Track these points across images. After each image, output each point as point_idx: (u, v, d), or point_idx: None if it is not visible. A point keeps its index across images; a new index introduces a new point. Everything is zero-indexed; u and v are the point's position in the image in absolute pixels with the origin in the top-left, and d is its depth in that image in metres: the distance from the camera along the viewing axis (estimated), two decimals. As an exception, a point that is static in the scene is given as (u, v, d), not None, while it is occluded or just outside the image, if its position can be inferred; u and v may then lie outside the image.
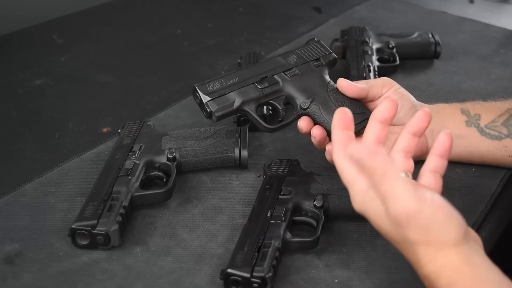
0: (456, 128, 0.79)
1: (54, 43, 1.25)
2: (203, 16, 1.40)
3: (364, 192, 0.57)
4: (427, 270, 0.55)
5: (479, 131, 0.79)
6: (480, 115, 0.80)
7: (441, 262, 0.54)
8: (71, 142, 0.91)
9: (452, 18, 1.39)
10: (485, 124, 0.79)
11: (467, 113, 0.80)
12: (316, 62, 0.81)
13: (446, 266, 0.54)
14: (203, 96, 0.75)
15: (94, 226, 0.67)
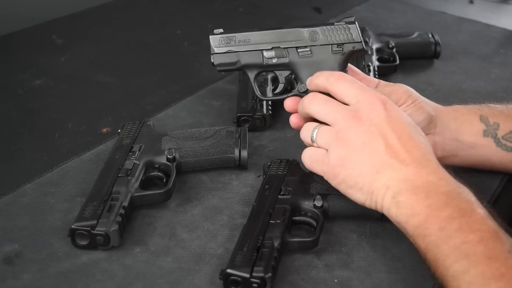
0: (472, 137, 0.77)
1: (54, 44, 1.25)
2: (203, 16, 1.40)
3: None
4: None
5: (496, 142, 0.77)
6: (499, 124, 0.77)
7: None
8: (71, 142, 0.91)
9: (452, 18, 1.39)
10: (502, 134, 0.77)
11: (486, 121, 0.78)
12: (336, 48, 0.77)
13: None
14: (212, 47, 0.78)
15: (94, 226, 0.67)
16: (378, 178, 0.64)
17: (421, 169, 0.63)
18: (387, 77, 1.07)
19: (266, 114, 0.90)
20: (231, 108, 0.98)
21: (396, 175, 0.63)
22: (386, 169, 0.63)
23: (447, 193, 0.61)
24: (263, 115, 0.90)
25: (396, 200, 0.62)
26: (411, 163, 0.63)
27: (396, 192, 0.62)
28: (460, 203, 0.60)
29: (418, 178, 0.62)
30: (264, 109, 0.91)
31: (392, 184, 0.63)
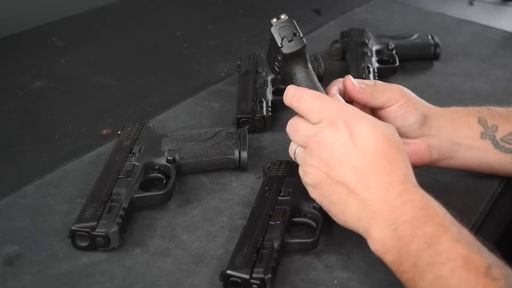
0: (469, 140, 0.76)
1: (54, 45, 1.25)
2: (203, 18, 1.41)
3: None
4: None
5: (493, 144, 0.76)
6: (497, 126, 0.76)
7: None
8: (71, 144, 0.91)
9: (452, 20, 1.39)
10: (501, 136, 0.76)
11: (484, 124, 0.77)
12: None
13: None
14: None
15: (94, 227, 0.67)
16: (347, 208, 0.63)
17: (386, 194, 0.60)
18: (387, 79, 1.07)
19: (266, 116, 0.90)
20: (231, 110, 0.98)
21: (363, 206, 0.61)
22: (352, 197, 0.62)
23: (411, 221, 0.58)
24: (263, 117, 0.90)
25: (368, 235, 0.61)
26: (376, 189, 0.61)
27: (366, 225, 0.61)
28: (426, 229, 0.57)
29: (384, 207, 0.60)
30: (264, 111, 0.91)
31: (361, 216, 0.62)
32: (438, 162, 0.78)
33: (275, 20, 0.71)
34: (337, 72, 0.79)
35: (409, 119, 0.75)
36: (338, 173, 0.63)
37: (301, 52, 0.71)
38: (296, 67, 0.71)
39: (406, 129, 0.75)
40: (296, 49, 0.70)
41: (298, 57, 0.71)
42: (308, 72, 0.72)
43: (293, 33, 0.70)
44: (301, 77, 0.71)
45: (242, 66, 1.04)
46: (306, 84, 0.71)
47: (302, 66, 0.72)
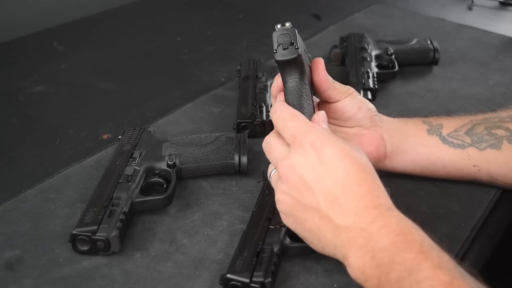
0: (418, 136, 0.78)
1: (54, 51, 1.25)
2: (203, 23, 1.41)
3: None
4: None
5: (441, 139, 0.78)
6: (442, 125, 0.79)
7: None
8: (72, 149, 0.91)
9: (451, 25, 1.40)
10: (447, 133, 0.78)
11: (429, 123, 0.80)
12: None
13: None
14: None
15: (95, 232, 0.67)
16: (322, 235, 0.61)
17: (360, 220, 0.58)
18: (386, 84, 1.08)
19: (266, 120, 0.91)
20: (231, 115, 0.98)
21: (337, 232, 0.59)
22: (326, 224, 0.60)
23: (389, 248, 0.56)
24: (262, 121, 0.91)
25: (347, 263, 0.59)
26: (350, 215, 0.59)
27: (344, 253, 0.59)
28: (406, 256, 0.55)
29: (359, 233, 0.58)
30: (264, 116, 0.91)
31: (337, 243, 0.60)
32: (393, 157, 0.78)
33: (279, 26, 0.72)
34: (337, 77, 0.79)
35: (365, 105, 0.77)
36: (309, 199, 0.61)
37: (294, 62, 0.70)
38: (289, 76, 0.71)
39: (363, 114, 0.76)
40: (287, 58, 0.69)
41: (291, 67, 0.70)
42: (298, 85, 0.71)
43: (290, 42, 0.70)
44: (290, 87, 0.71)
45: (242, 71, 1.05)
46: (291, 96, 0.71)
47: (295, 77, 0.71)
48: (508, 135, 0.77)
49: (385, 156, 0.78)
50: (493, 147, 0.77)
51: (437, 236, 0.58)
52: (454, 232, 0.73)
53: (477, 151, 0.77)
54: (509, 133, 0.77)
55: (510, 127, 0.78)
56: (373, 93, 0.99)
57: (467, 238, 0.73)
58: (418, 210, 0.76)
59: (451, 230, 0.72)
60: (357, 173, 0.60)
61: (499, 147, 0.76)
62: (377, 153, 0.77)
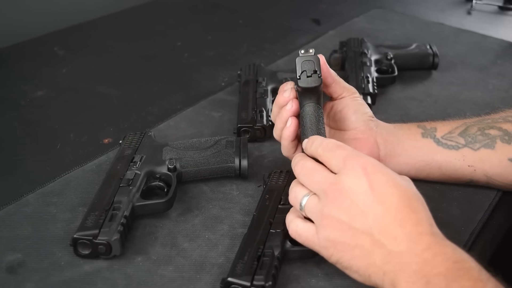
0: (412, 139, 0.80)
1: (55, 55, 1.26)
2: (203, 28, 1.42)
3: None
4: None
5: (436, 142, 0.79)
6: (436, 128, 0.80)
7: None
8: (73, 153, 0.91)
9: (450, 30, 1.40)
10: (441, 135, 0.79)
11: (423, 127, 0.81)
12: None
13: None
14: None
15: (96, 235, 0.68)
16: (372, 261, 0.59)
17: (415, 246, 0.57)
18: (385, 88, 1.08)
19: (266, 125, 0.91)
20: (231, 119, 0.99)
21: (389, 258, 0.57)
22: (377, 250, 0.58)
23: (445, 274, 0.55)
24: (263, 126, 0.91)
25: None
26: (403, 241, 0.57)
27: (394, 279, 0.57)
28: (463, 283, 0.54)
29: (413, 259, 0.56)
30: (264, 120, 0.92)
31: (387, 269, 0.57)
32: (387, 159, 0.79)
33: (303, 52, 0.73)
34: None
35: (362, 109, 0.78)
36: (362, 223, 0.59)
37: (315, 90, 0.73)
38: (307, 100, 0.74)
39: (359, 117, 0.78)
40: (311, 86, 0.72)
41: (312, 92, 0.73)
42: (316, 109, 0.73)
43: (313, 70, 0.72)
44: (307, 111, 0.73)
45: (242, 75, 1.05)
46: (309, 120, 0.73)
47: (313, 101, 0.74)
48: (501, 134, 0.78)
49: (379, 160, 0.79)
50: (487, 147, 0.77)
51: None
52: (454, 236, 0.73)
53: (471, 151, 0.78)
54: (502, 132, 0.78)
55: (503, 127, 0.78)
56: (373, 97, 1.00)
57: (467, 242, 0.74)
58: (417, 214, 0.76)
59: (451, 234, 0.72)
60: (410, 201, 0.59)
61: (493, 146, 0.77)
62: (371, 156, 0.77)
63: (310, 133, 0.72)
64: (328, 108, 0.80)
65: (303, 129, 0.73)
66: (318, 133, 0.72)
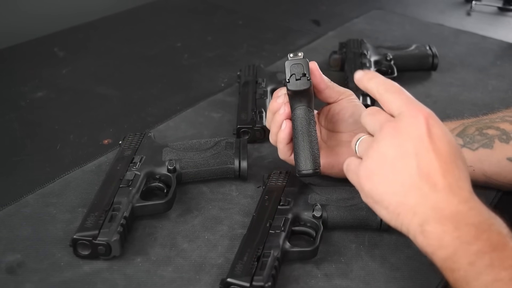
0: None
1: (55, 56, 1.26)
2: (203, 29, 1.42)
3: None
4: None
5: None
6: None
7: None
8: (73, 154, 0.92)
9: (449, 31, 1.41)
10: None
11: None
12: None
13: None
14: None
15: (96, 236, 0.68)
16: (406, 201, 0.60)
17: (452, 197, 0.59)
18: (385, 89, 1.08)
19: (266, 126, 0.91)
20: (231, 120, 0.99)
21: (424, 201, 0.59)
22: (414, 191, 0.60)
23: (477, 225, 0.57)
24: (262, 127, 0.91)
25: (422, 229, 0.59)
26: (442, 189, 0.59)
27: (423, 220, 0.59)
28: (491, 236, 0.56)
29: (447, 207, 0.58)
30: (264, 121, 0.92)
31: (419, 210, 0.59)
32: None
33: (292, 55, 0.74)
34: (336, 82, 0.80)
35: (359, 111, 0.78)
36: (407, 163, 0.60)
37: (305, 92, 0.74)
38: (298, 103, 0.75)
39: (357, 119, 0.77)
40: (300, 88, 0.73)
41: (302, 95, 0.74)
42: (306, 112, 0.75)
43: (302, 73, 0.73)
44: (298, 114, 0.74)
45: (242, 76, 1.05)
46: (300, 123, 0.74)
47: (304, 104, 0.75)
48: (499, 134, 0.78)
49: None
50: (485, 147, 0.77)
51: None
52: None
53: (469, 151, 0.78)
54: (500, 132, 0.78)
55: (500, 127, 0.79)
56: (372, 98, 1.00)
57: (466, 242, 0.74)
58: (417, 215, 0.76)
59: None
60: (457, 159, 0.61)
61: (491, 146, 0.77)
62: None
63: (301, 136, 0.74)
64: (325, 110, 0.80)
65: (294, 132, 0.75)
66: (308, 136, 0.74)
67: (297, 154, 0.74)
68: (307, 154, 0.73)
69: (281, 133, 0.76)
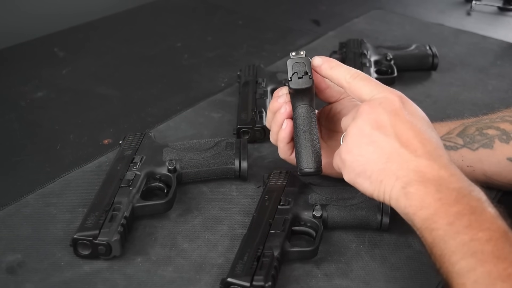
0: None
1: (55, 56, 1.26)
2: (203, 29, 1.42)
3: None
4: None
5: None
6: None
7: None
8: (73, 154, 0.92)
9: (449, 30, 1.41)
10: (440, 136, 0.79)
11: None
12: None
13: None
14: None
15: (96, 236, 0.68)
16: (388, 166, 0.63)
17: (433, 162, 0.62)
18: (385, 89, 1.08)
19: (266, 126, 0.91)
20: (231, 120, 0.99)
21: (406, 165, 0.62)
22: (396, 158, 0.63)
23: (458, 189, 0.60)
24: (262, 127, 0.91)
25: (405, 191, 0.61)
26: (423, 154, 0.62)
27: (406, 182, 0.62)
28: (470, 201, 0.59)
29: (429, 171, 0.61)
30: (264, 121, 0.92)
31: (402, 174, 0.62)
32: None
33: (294, 54, 0.75)
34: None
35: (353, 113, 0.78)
36: (384, 132, 0.64)
37: (307, 91, 0.74)
38: (300, 102, 0.75)
39: None
40: (302, 87, 0.73)
41: (304, 94, 0.74)
42: (308, 110, 0.75)
43: (304, 71, 0.73)
44: (300, 113, 0.75)
45: (242, 76, 1.05)
46: (302, 121, 0.74)
47: (305, 103, 0.75)
48: (499, 134, 0.78)
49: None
50: (485, 147, 0.78)
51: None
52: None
53: (470, 151, 0.78)
54: (500, 132, 0.78)
55: (501, 127, 0.79)
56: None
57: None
58: (417, 215, 0.76)
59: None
60: (433, 132, 0.65)
61: (491, 146, 0.77)
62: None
63: (302, 135, 0.74)
64: (326, 110, 0.80)
65: (296, 131, 0.75)
66: (310, 135, 0.74)
67: (299, 152, 0.74)
68: (309, 152, 0.73)
69: (282, 132, 0.76)
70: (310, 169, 0.74)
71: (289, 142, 0.77)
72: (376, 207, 0.73)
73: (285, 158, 0.79)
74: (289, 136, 0.76)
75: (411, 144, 0.63)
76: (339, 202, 0.74)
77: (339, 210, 0.73)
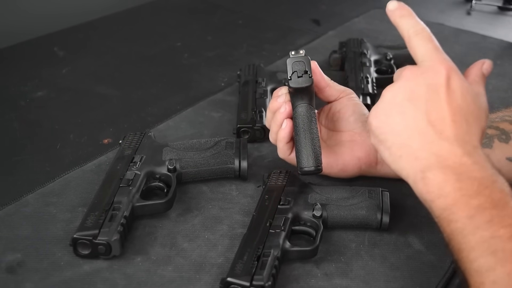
0: None
1: (55, 56, 1.26)
2: (203, 29, 1.42)
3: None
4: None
5: None
6: None
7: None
8: (73, 153, 0.92)
9: (449, 30, 1.40)
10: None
11: None
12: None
13: None
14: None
15: (96, 235, 0.68)
16: (408, 143, 0.60)
17: (457, 147, 0.58)
18: (385, 89, 1.08)
19: (266, 125, 0.91)
20: (231, 120, 0.99)
21: (428, 147, 0.59)
22: (419, 135, 0.60)
23: (480, 180, 0.57)
24: (262, 126, 0.91)
25: (423, 175, 0.59)
26: (448, 138, 0.59)
27: (425, 165, 0.59)
28: (493, 193, 0.56)
29: (451, 157, 0.58)
30: (264, 120, 0.92)
31: (422, 155, 0.59)
32: (378, 165, 0.80)
33: (293, 53, 0.75)
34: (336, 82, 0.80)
35: (359, 109, 0.79)
36: (415, 105, 0.61)
37: (307, 90, 0.74)
38: (300, 101, 0.75)
39: (357, 117, 0.79)
40: (302, 86, 0.73)
41: (303, 93, 0.74)
42: (308, 109, 0.75)
43: (304, 70, 0.73)
44: (300, 112, 0.75)
45: (242, 76, 1.05)
46: (302, 120, 0.74)
47: (305, 102, 0.75)
48: (498, 134, 0.78)
49: (377, 162, 0.79)
50: (484, 146, 0.77)
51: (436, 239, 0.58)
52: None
53: None
54: (499, 132, 0.78)
55: (500, 126, 0.79)
56: (372, 98, 1.00)
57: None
58: (417, 214, 0.76)
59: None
60: (471, 117, 0.60)
61: (490, 145, 0.77)
62: (367, 159, 0.79)
63: (302, 134, 0.74)
64: (326, 109, 0.81)
65: (296, 130, 0.75)
66: (310, 133, 0.74)
67: (299, 151, 0.74)
68: (309, 151, 0.73)
69: (282, 131, 0.76)
70: (310, 167, 0.74)
71: (289, 141, 0.77)
72: (376, 206, 0.73)
73: (285, 157, 0.79)
74: (288, 135, 0.76)
75: (440, 124, 0.59)
76: (339, 202, 0.74)
77: (339, 209, 0.73)
